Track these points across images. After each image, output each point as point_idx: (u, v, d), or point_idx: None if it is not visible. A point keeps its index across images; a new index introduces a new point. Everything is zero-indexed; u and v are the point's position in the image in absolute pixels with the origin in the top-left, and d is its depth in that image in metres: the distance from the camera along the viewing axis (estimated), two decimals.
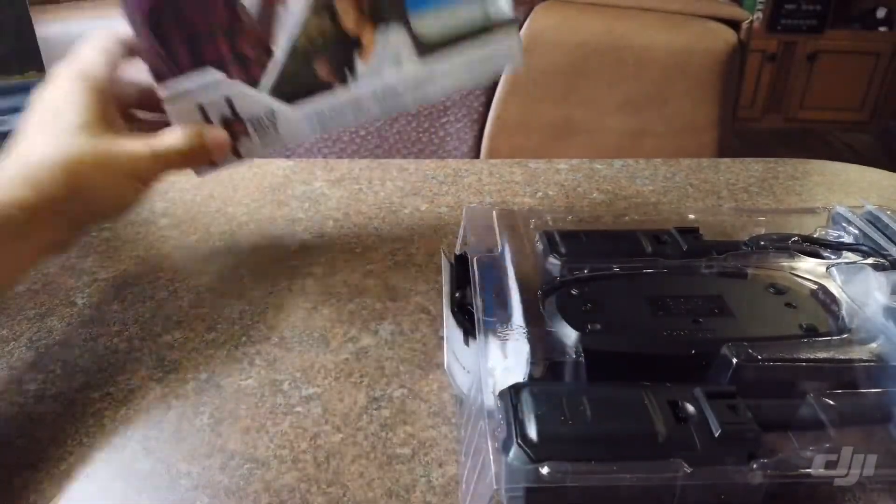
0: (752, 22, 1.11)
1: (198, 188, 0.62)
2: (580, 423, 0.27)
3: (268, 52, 0.44)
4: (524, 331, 0.33)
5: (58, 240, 0.39)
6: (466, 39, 0.47)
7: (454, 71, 0.48)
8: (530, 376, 0.30)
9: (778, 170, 0.68)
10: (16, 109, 0.51)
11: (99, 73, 0.40)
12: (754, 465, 0.26)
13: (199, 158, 0.43)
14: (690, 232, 0.42)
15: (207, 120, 0.45)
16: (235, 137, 0.45)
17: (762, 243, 0.42)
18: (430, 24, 0.47)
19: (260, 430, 0.35)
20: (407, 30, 0.46)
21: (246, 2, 0.43)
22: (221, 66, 0.44)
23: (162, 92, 0.43)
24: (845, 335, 0.33)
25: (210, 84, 0.44)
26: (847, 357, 0.32)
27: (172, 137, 0.41)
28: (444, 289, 0.40)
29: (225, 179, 0.64)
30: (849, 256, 0.41)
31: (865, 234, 0.43)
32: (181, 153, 0.41)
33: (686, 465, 0.26)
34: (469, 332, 0.35)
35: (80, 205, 0.38)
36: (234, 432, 0.34)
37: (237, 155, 0.46)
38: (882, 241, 0.41)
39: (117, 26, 0.42)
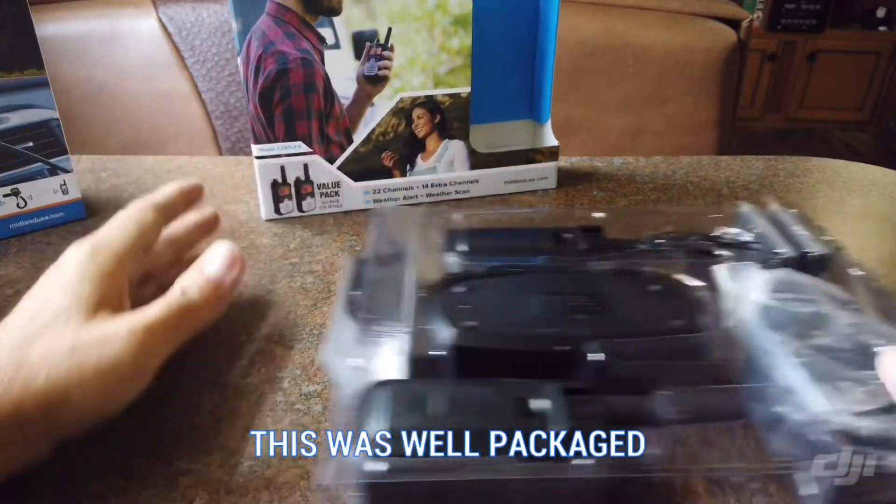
0: (751, 21, 1.11)
1: None
2: (426, 421, 0.27)
3: (348, 139, 0.55)
4: (406, 328, 0.32)
5: (30, 457, 0.29)
6: (512, 159, 0.60)
7: (496, 181, 0.60)
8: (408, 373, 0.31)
9: (778, 167, 0.68)
10: (15, 107, 0.51)
11: (118, 250, 0.34)
12: (591, 462, 0.26)
13: (196, 317, 0.35)
14: (593, 231, 0.42)
15: (284, 179, 0.54)
16: (302, 197, 0.55)
17: (659, 242, 0.42)
18: (485, 140, 0.60)
19: (260, 428, 0.35)
20: (466, 144, 0.58)
21: (344, 99, 0.53)
22: (308, 141, 0.54)
23: (255, 151, 0.53)
24: (717, 333, 0.33)
25: (295, 153, 0.54)
26: (709, 355, 0.32)
27: (157, 307, 0.33)
28: (338, 287, 0.39)
29: (225, 178, 0.64)
30: (743, 255, 0.40)
31: (765, 234, 0.42)
32: (169, 322, 0.33)
33: (520, 461, 0.26)
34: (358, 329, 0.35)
35: (61, 415, 0.29)
36: (235, 430, 0.34)
37: (300, 211, 0.56)
38: (779, 241, 0.41)
39: (155, 194, 0.40)
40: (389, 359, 0.31)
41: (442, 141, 0.57)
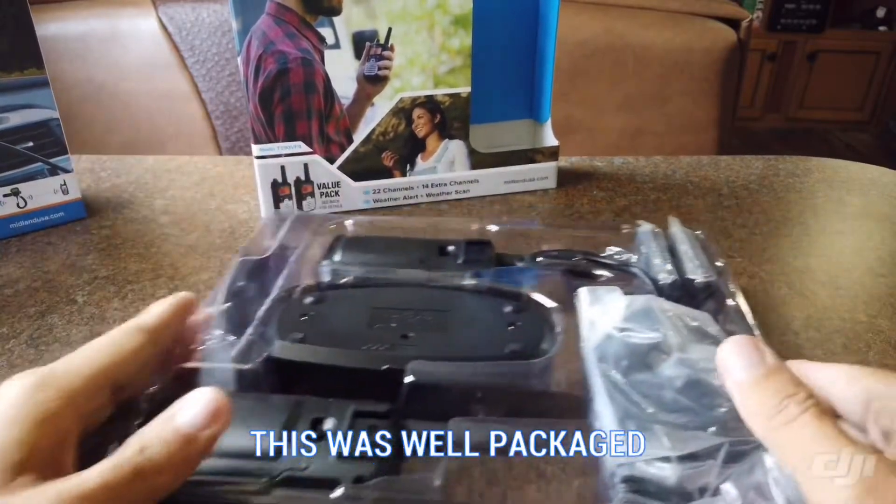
0: (751, 21, 1.11)
1: (198, 186, 0.62)
2: None
3: (348, 139, 0.55)
4: (248, 336, 0.31)
5: None
6: (512, 159, 0.60)
7: (496, 181, 0.60)
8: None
9: (779, 167, 0.68)
10: (15, 107, 0.51)
11: (71, 388, 0.25)
12: (344, 491, 0.24)
13: (155, 484, 0.24)
14: (478, 244, 0.41)
15: (284, 178, 0.54)
16: (302, 196, 0.55)
17: (539, 259, 0.40)
18: (485, 139, 0.60)
19: None
20: (466, 144, 0.58)
21: (344, 99, 0.53)
22: (308, 141, 0.53)
23: (256, 151, 0.53)
24: (549, 360, 0.31)
25: (295, 152, 0.53)
26: (539, 382, 0.30)
27: (102, 467, 0.23)
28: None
29: (225, 178, 0.64)
30: (623, 277, 0.38)
31: (651, 256, 0.40)
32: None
33: (275, 486, 0.25)
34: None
35: None
36: None
37: (300, 210, 0.55)
38: (663, 265, 0.39)
39: (143, 314, 0.30)
40: (222, 368, 0.30)
41: (442, 141, 0.57)
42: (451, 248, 0.41)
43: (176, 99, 1.08)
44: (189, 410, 0.25)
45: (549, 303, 0.35)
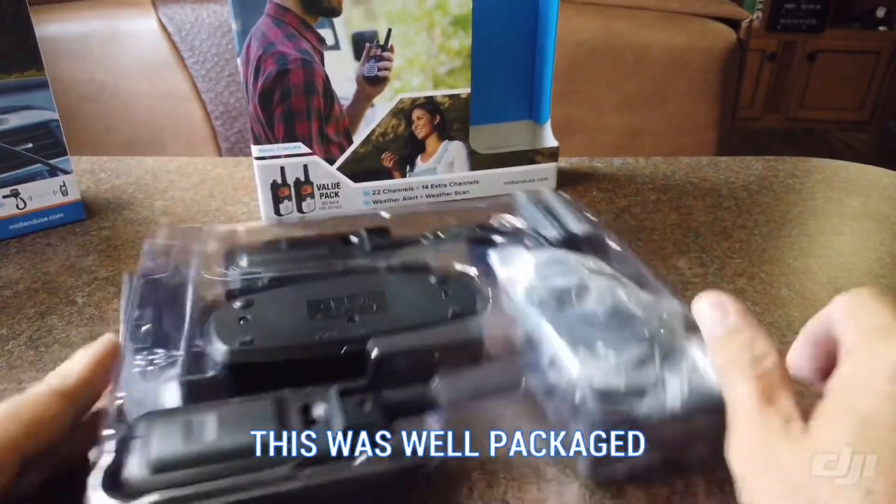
0: (751, 21, 1.11)
1: (197, 187, 0.62)
2: (194, 446, 0.26)
3: (348, 140, 0.55)
4: (179, 353, 0.31)
5: None
6: (512, 159, 0.60)
7: (496, 181, 0.60)
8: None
9: (778, 168, 0.68)
10: (15, 108, 0.51)
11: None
12: (365, 458, 0.26)
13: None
14: (379, 231, 0.42)
15: (284, 180, 0.54)
16: (302, 198, 0.55)
17: (440, 235, 0.42)
18: (485, 140, 0.60)
19: None
20: (465, 145, 0.58)
21: (344, 100, 0.53)
22: (307, 142, 0.53)
23: (255, 152, 0.53)
24: (492, 315, 0.35)
25: (294, 154, 0.53)
26: (484, 336, 0.33)
27: None
28: (121, 315, 0.35)
29: (225, 179, 0.64)
30: (516, 240, 0.42)
31: (536, 219, 0.44)
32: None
33: (302, 468, 0.25)
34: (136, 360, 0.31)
35: None
36: None
37: (300, 212, 0.55)
38: (548, 224, 0.43)
39: (60, 371, 0.28)
40: (160, 388, 0.29)
41: (442, 142, 0.57)
42: (353, 238, 0.41)
43: (176, 99, 1.08)
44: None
45: (468, 269, 0.39)
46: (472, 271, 0.39)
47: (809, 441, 0.22)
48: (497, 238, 0.42)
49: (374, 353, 0.31)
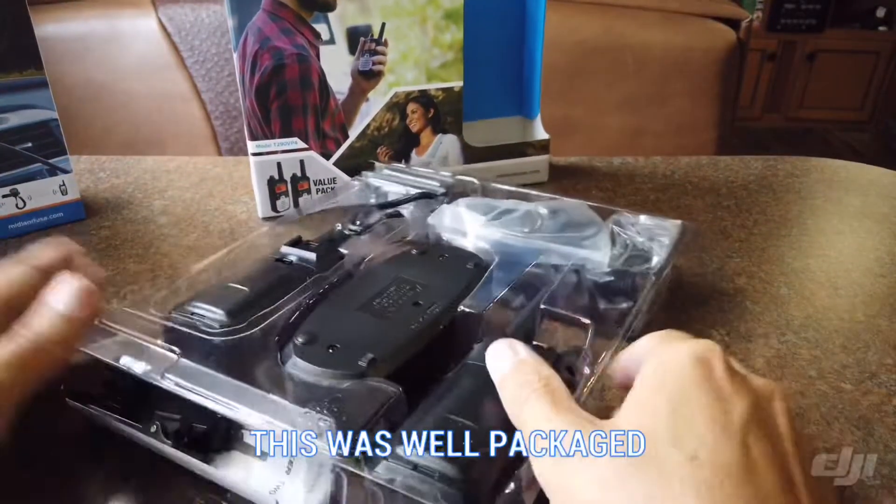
0: (751, 21, 1.11)
1: (196, 187, 0.62)
2: None
3: (343, 134, 0.55)
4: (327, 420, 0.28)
5: None
6: (504, 153, 0.60)
7: (489, 175, 0.60)
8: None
9: (777, 167, 0.68)
10: (15, 107, 0.51)
11: None
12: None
13: (50, 356, 0.29)
14: (301, 244, 0.40)
15: (281, 175, 0.54)
16: (299, 193, 0.55)
17: (358, 224, 0.44)
18: (478, 134, 0.60)
19: None
20: (459, 138, 0.58)
21: (339, 94, 0.53)
22: (304, 137, 0.54)
23: (252, 148, 0.53)
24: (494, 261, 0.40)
25: (291, 149, 0.53)
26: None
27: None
28: None
29: (224, 178, 0.64)
30: (424, 204, 0.48)
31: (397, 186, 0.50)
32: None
33: None
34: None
35: None
36: None
37: (297, 207, 0.55)
38: (413, 184, 0.50)
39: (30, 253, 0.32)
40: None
41: (436, 136, 0.57)
42: (293, 258, 0.39)
43: (175, 99, 1.08)
44: (63, 295, 0.30)
45: (442, 239, 0.44)
46: (440, 236, 0.44)
47: (622, 423, 0.23)
48: (403, 209, 0.47)
49: (489, 316, 0.34)
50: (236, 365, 0.30)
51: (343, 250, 0.41)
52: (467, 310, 0.34)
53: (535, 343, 0.32)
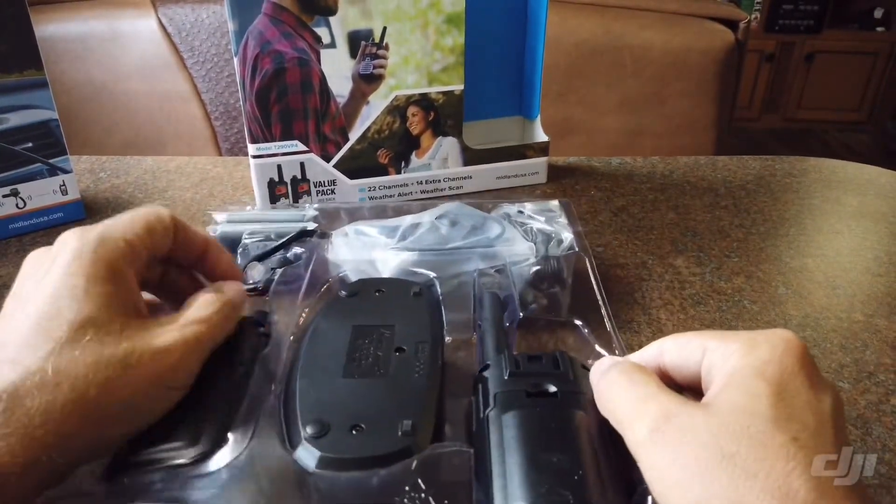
0: (749, 22, 1.11)
1: (197, 187, 0.62)
2: None
3: (344, 137, 0.55)
4: None
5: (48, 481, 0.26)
6: (504, 154, 0.61)
7: (488, 176, 0.61)
8: None
9: (775, 167, 0.68)
10: (15, 108, 0.51)
11: (125, 247, 0.30)
12: None
13: (230, 321, 0.32)
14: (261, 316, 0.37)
15: (281, 177, 0.54)
16: (298, 195, 0.55)
17: (251, 283, 0.41)
18: (478, 136, 0.61)
19: None
20: (459, 141, 0.58)
21: (340, 98, 0.53)
22: (304, 140, 0.54)
23: (252, 151, 0.53)
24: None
25: (291, 151, 0.54)
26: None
27: (201, 311, 0.31)
28: None
29: (224, 178, 0.64)
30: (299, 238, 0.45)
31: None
32: (216, 325, 0.31)
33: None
34: None
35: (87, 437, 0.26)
36: None
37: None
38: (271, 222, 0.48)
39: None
40: None
41: (436, 138, 0.57)
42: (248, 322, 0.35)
43: (175, 100, 1.08)
44: (232, 288, 0.33)
45: (348, 275, 0.41)
46: (386, 257, 0.43)
47: (721, 406, 0.23)
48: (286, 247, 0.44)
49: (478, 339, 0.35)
50: (251, 493, 0.25)
51: (259, 320, 0.36)
52: (455, 338, 0.34)
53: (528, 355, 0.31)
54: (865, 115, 3.12)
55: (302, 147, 0.54)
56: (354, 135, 0.55)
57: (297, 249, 0.44)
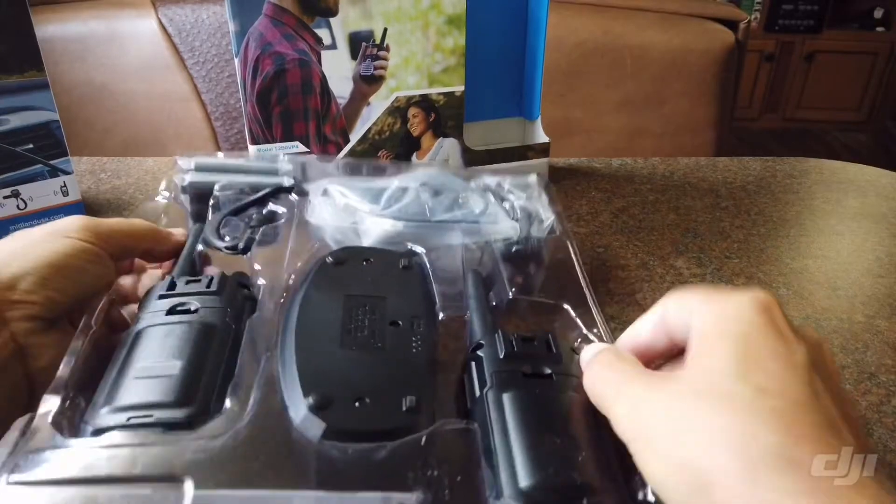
0: (749, 22, 1.11)
1: None
2: None
3: (345, 138, 0.55)
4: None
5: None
6: (505, 155, 0.60)
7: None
8: None
9: (776, 168, 0.68)
10: (15, 109, 0.51)
11: (118, 227, 0.35)
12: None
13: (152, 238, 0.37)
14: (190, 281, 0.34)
15: None
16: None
17: (229, 240, 0.39)
18: (478, 137, 0.61)
19: None
20: (460, 141, 0.58)
21: (341, 99, 0.53)
22: (305, 141, 0.54)
23: (253, 152, 0.53)
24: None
25: (292, 152, 0.54)
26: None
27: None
28: None
29: None
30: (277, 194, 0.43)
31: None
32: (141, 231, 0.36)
33: None
34: None
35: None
36: None
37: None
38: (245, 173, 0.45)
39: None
40: None
41: (437, 139, 0.57)
42: (192, 307, 0.31)
43: (176, 100, 1.08)
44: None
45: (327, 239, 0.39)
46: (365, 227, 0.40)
47: (690, 371, 0.24)
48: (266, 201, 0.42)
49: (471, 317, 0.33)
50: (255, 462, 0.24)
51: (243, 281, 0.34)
52: (449, 315, 0.33)
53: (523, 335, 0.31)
54: (865, 116, 3.12)
55: (303, 148, 0.54)
56: (355, 136, 0.55)
57: (274, 207, 0.42)
